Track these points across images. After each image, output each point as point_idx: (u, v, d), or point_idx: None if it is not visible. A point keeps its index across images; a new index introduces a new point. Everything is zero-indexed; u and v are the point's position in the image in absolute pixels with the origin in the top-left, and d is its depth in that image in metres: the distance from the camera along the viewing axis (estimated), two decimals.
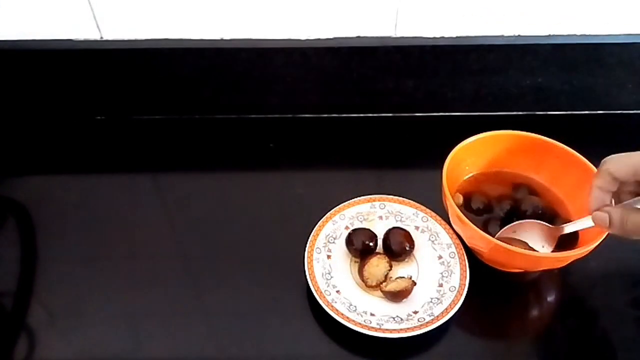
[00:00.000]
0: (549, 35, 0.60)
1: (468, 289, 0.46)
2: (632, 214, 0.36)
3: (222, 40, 0.60)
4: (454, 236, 0.51)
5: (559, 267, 0.47)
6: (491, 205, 0.52)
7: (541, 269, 0.49)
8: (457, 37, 0.60)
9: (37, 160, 0.64)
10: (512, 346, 0.47)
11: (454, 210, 0.47)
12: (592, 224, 0.40)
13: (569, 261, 0.45)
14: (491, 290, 0.50)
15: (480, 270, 0.49)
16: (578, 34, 0.60)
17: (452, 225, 0.50)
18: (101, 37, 0.60)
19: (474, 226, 0.45)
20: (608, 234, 0.43)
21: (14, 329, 0.47)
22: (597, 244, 0.44)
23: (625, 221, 0.36)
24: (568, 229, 0.46)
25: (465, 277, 0.47)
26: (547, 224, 0.48)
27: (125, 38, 0.60)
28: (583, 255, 0.44)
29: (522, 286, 0.50)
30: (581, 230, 0.45)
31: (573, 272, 0.52)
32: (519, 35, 0.60)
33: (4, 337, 0.47)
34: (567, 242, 0.48)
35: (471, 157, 0.53)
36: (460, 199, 0.52)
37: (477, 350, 0.46)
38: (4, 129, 0.67)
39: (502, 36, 0.60)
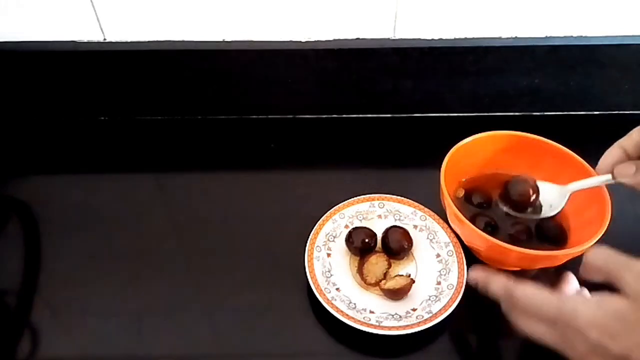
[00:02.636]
0: (546, 37, 0.61)
1: (466, 286, 0.47)
2: None
3: (223, 42, 0.61)
4: (452, 235, 0.51)
5: (555, 265, 0.48)
6: (490, 205, 0.53)
7: (538, 267, 0.49)
8: (454, 39, 0.61)
9: (41, 160, 0.65)
10: (510, 343, 0.47)
11: (451, 210, 0.47)
12: (598, 183, 0.41)
13: (566, 260, 0.46)
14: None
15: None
16: (575, 35, 0.61)
17: (450, 224, 0.51)
18: (104, 39, 0.61)
19: (471, 225, 0.45)
20: (604, 234, 0.44)
21: (18, 327, 0.48)
22: (593, 242, 0.44)
23: None
24: (574, 186, 0.46)
25: (463, 275, 0.48)
26: (554, 184, 0.48)
27: (128, 40, 0.61)
28: (579, 253, 0.45)
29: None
30: (589, 188, 0.46)
31: (570, 270, 0.52)
32: (516, 37, 0.61)
33: (8, 335, 0.47)
34: (560, 240, 0.49)
35: (469, 157, 0.54)
36: (462, 193, 0.53)
37: (475, 348, 0.47)
38: (8, 129, 0.67)
39: (500, 38, 0.61)
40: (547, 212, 0.48)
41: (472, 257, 0.50)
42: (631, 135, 0.40)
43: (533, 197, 0.48)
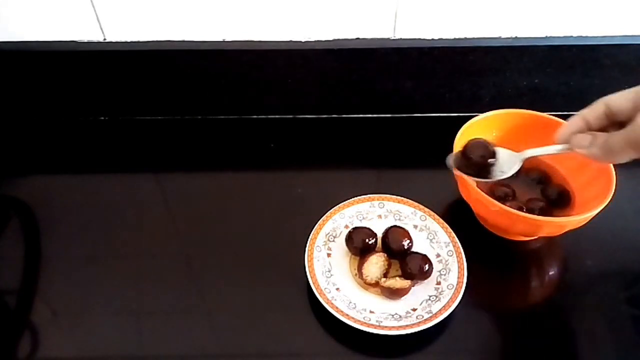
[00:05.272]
0: (546, 37, 0.61)
1: (466, 286, 0.47)
2: (614, 135, 0.37)
3: (223, 42, 0.61)
4: (452, 234, 0.51)
5: (559, 234, 0.49)
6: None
7: (543, 234, 0.50)
8: (455, 38, 0.61)
9: (41, 160, 0.65)
10: (510, 343, 0.48)
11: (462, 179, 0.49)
12: (554, 151, 0.42)
13: (569, 228, 0.48)
14: (489, 288, 0.50)
15: (477, 268, 0.50)
16: (574, 35, 0.61)
17: (461, 195, 0.52)
18: (104, 39, 0.61)
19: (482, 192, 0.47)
20: (606, 206, 0.46)
21: (18, 327, 0.48)
22: (595, 213, 0.46)
23: (608, 141, 0.37)
24: (530, 153, 0.46)
25: (463, 275, 0.48)
26: (509, 150, 0.48)
27: (128, 40, 0.61)
28: (583, 221, 0.47)
29: (520, 285, 0.51)
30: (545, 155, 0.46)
31: (570, 271, 0.53)
32: (516, 37, 0.61)
33: (8, 335, 0.47)
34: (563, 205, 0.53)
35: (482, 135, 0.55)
36: None
37: (475, 347, 0.47)
38: (8, 129, 0.67)
39: (500, 38, 0.61)
40: (498, 176, 0.47)
41: (471, 257, 0.50)
42: (594, 107, 0.39)
43: (491, 160, 0.47)
